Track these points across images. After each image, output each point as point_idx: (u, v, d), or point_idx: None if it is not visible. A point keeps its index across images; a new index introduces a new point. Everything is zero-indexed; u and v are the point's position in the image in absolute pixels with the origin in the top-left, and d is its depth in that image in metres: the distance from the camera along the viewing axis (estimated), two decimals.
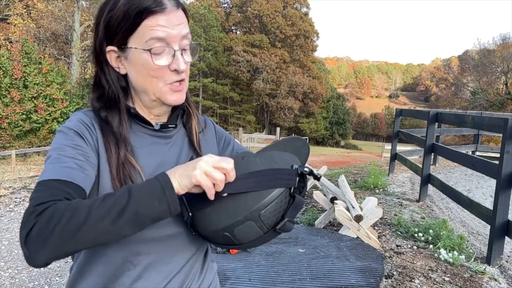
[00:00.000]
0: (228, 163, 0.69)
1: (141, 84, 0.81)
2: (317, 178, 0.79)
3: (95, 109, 0.83)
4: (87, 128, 0.79)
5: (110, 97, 0.82)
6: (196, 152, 0.90)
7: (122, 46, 0.79)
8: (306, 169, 0.74)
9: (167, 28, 0.76)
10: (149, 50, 0.76)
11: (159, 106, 0.84)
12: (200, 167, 0.67)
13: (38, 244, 0.61)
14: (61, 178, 0.68)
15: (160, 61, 0.77)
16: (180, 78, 0.80)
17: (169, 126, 0.85)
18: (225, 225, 0.70)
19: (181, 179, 0.67)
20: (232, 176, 0.69)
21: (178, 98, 0.81)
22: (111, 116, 0.81)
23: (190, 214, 0.72)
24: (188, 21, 0.82)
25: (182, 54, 0.79)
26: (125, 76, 0.83)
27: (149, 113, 0.86)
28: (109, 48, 0.80)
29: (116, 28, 0.78)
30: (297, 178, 0.72)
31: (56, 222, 0.61)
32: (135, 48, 0.77)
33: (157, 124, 0.84)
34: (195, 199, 0.71)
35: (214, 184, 0.68)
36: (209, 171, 0.67)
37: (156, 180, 0.66)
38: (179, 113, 0.90)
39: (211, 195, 0.68)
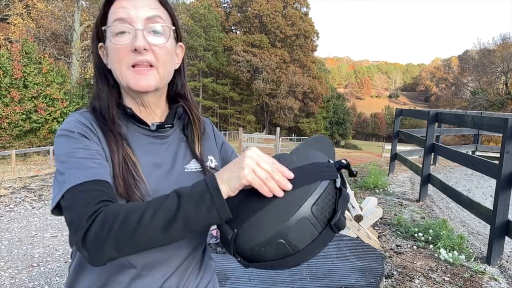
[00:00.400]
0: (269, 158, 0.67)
1: (114, 72, 0.79)
2: (353, 174, 0.75)
3: (93, 109, 0.82)
4: (87, 128, 0.78)
5: (101, 96, 0.82)
6: (193, 154, 0.88)
7: (104, 37, 0.80)
8: (344, 161, 0.72)
9: (128, 9, 0.75)
10: (113, 33, 0.76)
11: (137, 95, 0.81)
12: (248, 166, 0.64)
13: (96, 247, 0.62)
14: (89, 179, 0.68)
15: (120, 39, 0.75)
16: (141, 58, 0.75)
17: (165, 126, 0.84)
18: (278, 229, 0.64)
19: (230, 182, 0.65)
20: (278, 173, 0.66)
21: (142, 83, 0.76)
22: (107, 115, 0.80)
23: (236, 230, 0.66)
24: (166, 6, 0.80)
25: (144, 34, 0.75)
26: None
27: (145, 111, 0.84)
28: (100, 44, 0.81)
29: (97, 22, 0.80)
30: (339, 171, 0.71)
31: (109, 227, 0.62)
32: (107, 36, 0.78)
33: (153, 125, 0.82)
34: (235, 211, 0.66)
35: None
36: (257, 169, 0.64)
37: (205, 186, 0.64)
38: (175, 111, 0.87)
39: (266, 192, 0.64)
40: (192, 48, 38.73)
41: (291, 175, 0.67)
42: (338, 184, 0.69)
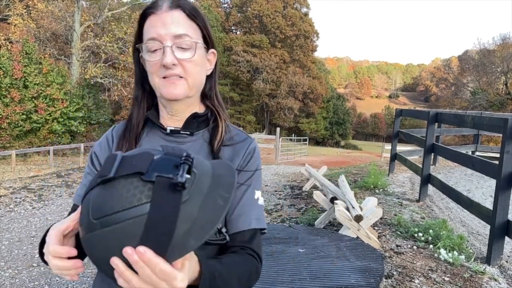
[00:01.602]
0: None
1: (150, 80, 0.86)
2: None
3: (130, 116, 0.92)
4: (107, 143, 0.91)
5: (136, 100, 0.92)
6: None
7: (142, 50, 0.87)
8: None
9: (158, 28, 0.80)
10: (146, 49, 0.83)
11: (167, 103, 0.87)
12: None
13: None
14: (74, 202, 0.89)
15: (152, 57, 0.82)
16: (168, 73, 0.81)
17: (181, 132, 0.87)
18: None
19: None
20: None
21: (172, 91, 0.82)
22: (134, 118, 0.90)
23: None
24: (194, 20, 0.84)
25: (173, 50, 0.80)
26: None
27: (171, 118, 0.89)
28: (141, 54, 0.88)
29: (135, 38, 0.88)
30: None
31: None
32: (143, 52, 0.85)
33: (168, 129, 0.88)
34: None
35: None
36: None
37: None
38: (197, 122, 0.88)
39: None
40: None
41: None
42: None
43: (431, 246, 3.47)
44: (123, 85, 22.92)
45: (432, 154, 5.37)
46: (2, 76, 17.35)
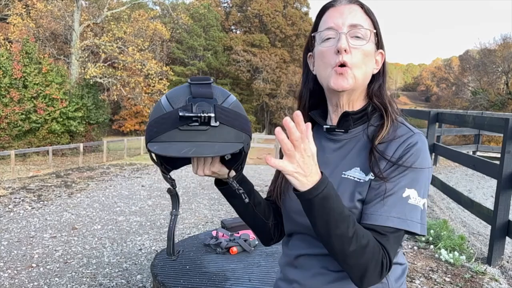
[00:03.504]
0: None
1: (318, 74, 0.90)
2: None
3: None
4: None
5: (302, 99, 0.99)
6: (368, 164, 0.84)
7: (312, 46, 0.92)
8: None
9: (335, 18, 0.86)
10: (321, 39, 0.88)
11: (332, 96, 0.91)
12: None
13: None
14: None
15: (326, 44, 0.86)
16: (341, 58, 0.83)
17: (336, 130, 0.91)
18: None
19: None
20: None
21: (339, 81, 0.84)
22: (303, 113, 0.96)
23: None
24: (369, 15, 0.88)
25: (347, 38, 0.84)
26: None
27: (337, 111, 0.92)
28: (309, 54, 0.95)
29: (311, 32, 0.93)
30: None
31: None
32: (316, 42, 0.90)
33: (324, 127, 0.93)
34: None
35: None
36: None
37: None
38: (352, 119, 0.88)
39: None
40: (192, 47, 38.70)
41: None
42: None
43: (431, 246, 3.46)
44: (122, 85, 22.92)
45: (433, 154, 5.36)
46: (1, 76, 17.34)
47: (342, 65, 0.83)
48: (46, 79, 18.90)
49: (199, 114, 0.77)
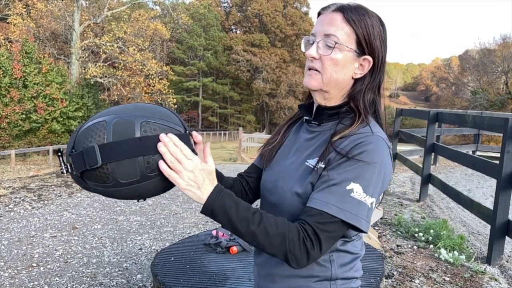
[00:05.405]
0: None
1: None
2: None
3: None
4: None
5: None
6: (320, 156, 0.91)
7: None
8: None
9: (317, 26, 0.96)
10: (305, 42, 1.01)
11: (311, 92, 1.02)
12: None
13: None
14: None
15: (306, 48, 0.99)
16: (311, 64, 0.96)
17: (312, 122, 1.01)
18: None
19: None
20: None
21: (307, 81, 0.97)
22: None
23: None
24: (350, 23, 0.92)
25: (319, 46, 0.94)
26: None
27: (315, 106, 1.02)
28: None
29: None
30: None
31: None
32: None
33: (304, 118, 1.04)
34: None
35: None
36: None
37: None
38: (326, 114, 0.98)
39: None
40: (192, 47, 38.69)
41: None
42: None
43: (431, 246, 3.46)
44: (122, 85, 22.91)
45: (433, 153, 5.36)
46: (1, 75, 17.34)
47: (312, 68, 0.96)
48: (46, 78, 18.89)
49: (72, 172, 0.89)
